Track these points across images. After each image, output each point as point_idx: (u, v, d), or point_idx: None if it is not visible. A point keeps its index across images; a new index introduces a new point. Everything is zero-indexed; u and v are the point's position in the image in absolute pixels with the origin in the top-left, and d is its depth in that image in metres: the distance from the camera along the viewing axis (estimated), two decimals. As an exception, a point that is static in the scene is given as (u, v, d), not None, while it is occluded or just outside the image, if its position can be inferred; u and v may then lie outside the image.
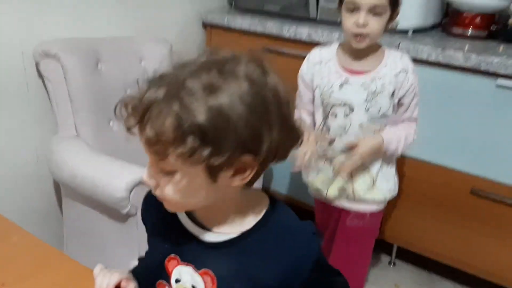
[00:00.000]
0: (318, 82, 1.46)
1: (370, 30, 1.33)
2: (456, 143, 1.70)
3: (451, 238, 1.80)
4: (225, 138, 0.62)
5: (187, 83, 0.62)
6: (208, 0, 2.24)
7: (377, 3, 1.31)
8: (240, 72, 0.64)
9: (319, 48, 1.51)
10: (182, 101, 0.61)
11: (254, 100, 0.64)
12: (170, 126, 0.61)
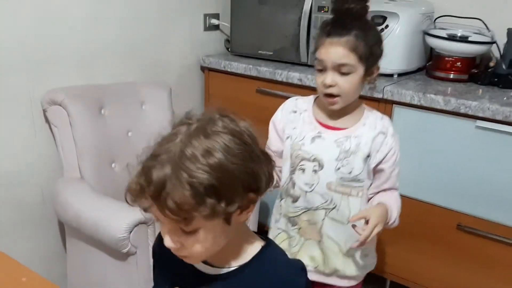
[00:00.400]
0: (289, 132, 1.36)
1: (340, 90, 1.24)
2: (441, 181, 1.78)
3: (440, 272, 1.87)
4: (233, 188, 0.73)
5: (186, 154, 0.71)
6: (206, 46, 2.37)
7: (342, 62, 1.21)
8: (220, 129, 0.75)
9: (295, 98, 1.42)
10: (189, 171, 0.70)
11: (239, 146, 0.74)
12: (188, 195, 0.69)
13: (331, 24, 1.24)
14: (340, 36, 1.20)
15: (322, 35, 1.24)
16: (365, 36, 1.22)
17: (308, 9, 2.04)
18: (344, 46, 1.20)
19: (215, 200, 0.71)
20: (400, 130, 1.80)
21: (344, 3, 1.22)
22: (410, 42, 1.95)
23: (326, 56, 1.22)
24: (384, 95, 1.80)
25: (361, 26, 1.23)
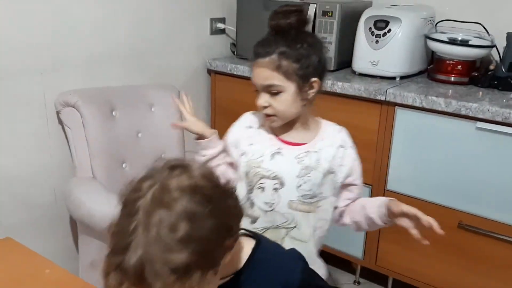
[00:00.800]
0: (245, 148, 1.29)
1: (274, 110, 1.21)
2: (442, 181, 1.83)
3: (441, 269, 1.91)
4: (211, 249, 0.71)
5: (152, 234, 0.68)
6: (213, 49, 2.42)
7: (268, 83, 1.19)
8: (175, 194, 0.71)
9: (252, 113, 1.36)
10: (164, 252, 0.67)
11: (200, 205, 0.71)
12: (171, 276, 0.68)
13: (257, 45, 1.22)
14: (263, 56, 1.18)
15: (252, 57, 1.22)
16: (291, 54, 1.17)
17: (312, 14, 2.09)
18: (267, 67, 1.17)
19: (201, 269, 0.69)
20: (402, 132, 1.87)
21: (282, 19, 1.19)
22: (411, 45, 2.00)
23: (255, 78, 1.22)
24: (386, 97, 1.85)
25: (288, 43, 1.18)
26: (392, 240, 2.00)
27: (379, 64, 2.00)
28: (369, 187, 2.01)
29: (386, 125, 1.90)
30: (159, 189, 0.71)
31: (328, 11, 2.06)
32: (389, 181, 1.95)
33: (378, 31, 1.98)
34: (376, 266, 2.08)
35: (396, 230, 1.95)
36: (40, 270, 1.05)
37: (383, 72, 2.01)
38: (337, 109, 2.01)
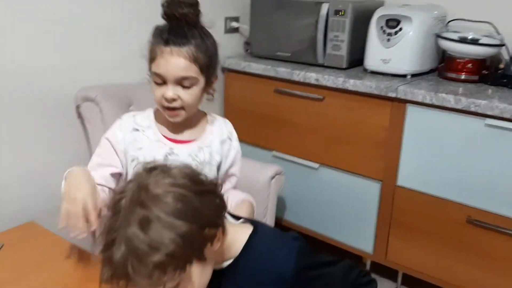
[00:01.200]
0: (134, 153, 1.23)
1: (182, 103, 1.18)
2: (451, 176, 1.86)
3: (449, 264, 1.94)
4: (188, 245, 0.75)
5: (129, 236, 0.73)
6: (226, 48, 2.47)
7: (184, 75, 1.15)
8: (152, 191, 0.76)
9: (132, 114, 1.31)
10: (141, 249, 0.73)
11: (177, 201, 0.76)
12: (151, 269, 0.73)
13: (168, 31, 1.15)
14: (180, 45, 1.13)
15: (158, 43, 1.15)
16: (205, 46, 1.17)
17: (325, 13, 2.13)
18: (185, 58, 1.13)
19: (175, 264, 0.74)
20: (412, 128, 1.91)
21: (177, 8, 1.16)
22: (422, 44, 2.03)
23: (166, 69, 1.14)
24: (397, 94, 1.89)
25: (200, 35, 1.17)
26: (402, 235, 2.03)
27: (390, 62, 2.04)
28: (379, 183, 2.05)
29: (396, 122, 1.94)
30: (137, 189, 0.77)
31: (340, 10, 2.10)
32: (400, 177, 1.98)
33: (389, 30, 2.02)
34: (385, 260, 2.12)
35: (406, 225, 1.99)
36: (63, 253, 1.11)
37: (394, 70, 2.05)
38: (348, 106, 2.06)
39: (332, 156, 2.16)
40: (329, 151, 2.17)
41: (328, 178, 2.20)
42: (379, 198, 2.07)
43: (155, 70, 1.15)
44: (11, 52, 1.63)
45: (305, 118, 2.19)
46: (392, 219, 2.05)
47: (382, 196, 2.05)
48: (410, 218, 2.00)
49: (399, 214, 2.02)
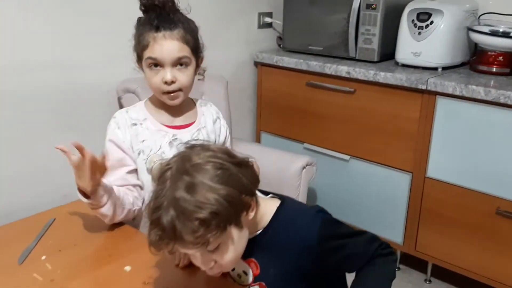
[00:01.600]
0: (139, 146, 1.27)
1: (180, 84, 1.23)
2: (480, 168, 1.87)
3: (478, 255, 1.95)
4: (227, 208, 0.83)
5: (177, 197, 0.82)
6: (260, 42, 2.54)
7: (180, 55, 1.20)
8: (195, 161, 0.85)
9: (124, 111, 1.34)
10: (186, 210, 0.81)
11: (218, 170, 0.85)
12: (196, 228, 0.81)
13: (156, 18, 1.19)
14: (170, 29, 1.18)
15: (149, 31, 1.19)
16: (190, 29, 1.23)
17: (356, 7, 2.17)
18: (177, 40, 1.19)
19: (217, 221, 0.83)
20: (442, 120, 1.93)
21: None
22: (453, 37, 2.05)
23: (162, 53, 1.18)
24: (428, 86, 1.91)
25: (183, 19, 1.23)
26: (431, 226, 2.06)
27: (421, 55, 2.06)
28: (409, 174, 2.08)
29: (427, 113, 1.96)
30: (181, 160, 0.87)
31: (372, 4, 2.13)
32: (429, 168, 2.01)
33: (420, 23, 2.04)
34: (415, 251, 2.14)
35: (436, 216, 2.02)
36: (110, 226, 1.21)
37: (425, 62, 2.07)
38: (379, 98, 2.09)
39: (363, 148, 2.20)
40: (359, 143, 2.21)
41: (358, 170, 2.24)
42: (409, 190, 2.09)
43: (151, 55, 1.20)
44: (55, 45, 1.75)
45: (336, 111, 2.24)
46: (421, 211, 2.08)
47: (412, 188, 2.08)
48: (439, 210, 2.02)
49: (429, 206, 2.05)
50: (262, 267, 0.99)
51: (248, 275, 1.02)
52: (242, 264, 1.01)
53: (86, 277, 1.01)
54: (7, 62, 1.62)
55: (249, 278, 1.02)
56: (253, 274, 1.01)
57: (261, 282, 1.01)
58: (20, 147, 1.71)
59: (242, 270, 1.02)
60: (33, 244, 1.11)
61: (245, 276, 1.02)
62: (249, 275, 1.01)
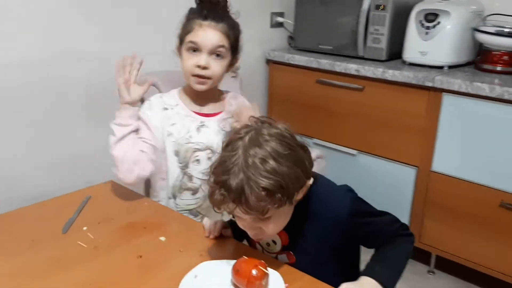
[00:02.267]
0: (169, 129, 1.35)
1: (212, 72, 1.31)
2: (485, 162, 1.96)
3: (482, 247, 2.04)
4: (290, 182, 0.92)
5: (249, 163, 0.90)
6: (271, 41, 2.64)
7: (219, 44, 1.30)
8: (267, 137, 0.93)
9: (159, 95, 1.43)
10: (256, 177, 0.89)
11: (284, 148, 0.93)
12: (263, 195, 0.89)
13: (206, 10, 1.30)
14: (216, 21, 1.29)
15: (196, 19, 1.30)
16: (234, 28, 1.34)
17: (366, 8, 2.26)
18: (221, 31, 1.30)
19: (281, 195, 0.91)
20: (448, 116, 2.02)
21: None
22: (460, 37, 2.14)
23: (204, 38, 1.28)
24: (434, 83, 2.00)
25: (230, 19, 1.34)
26: (436, 218, 2.14)
27: (428, 54, 2.15)
28: (415, 169, 2.16)
29: (433, 110, 2.05)
30: (255, 133, 0.95)
31: (381, 4, 2.22)
32: (435, 162, 2.09)
33: (428, 23, 2.13)
34: (420, 243, 2.23)
35: (440, 209, 2.10)
36: (140, 203, 1.30)
37: (432, 61, 2.16)
38: (387, 95, 2.18)
39: (370, 143, 2.29)
40: (367, 139, 2.30)
41: (366, 164, 2.33)
42: (415, 183, 2.18)
43: (192, 39, 1.30)
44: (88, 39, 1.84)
45: (345, 107, 2.33)
46: (426, 203, 2.16)
47: (418, 181, 2.17)
48: (444, 202, 2.11)
49: (434, 199, 2.13)
50: (291, 237, 1.07)
51: (276, 244, 1.09)
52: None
53: (126, 245, 1.09)
54: (50, 53, 1.74)
55: (277, 247, 1.10)
56: (282, 244, 1.09)
57: (289, 252, 1.09)
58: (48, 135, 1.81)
59: (272, 240, 1.10)
60: (74, 217, 1.20)
61: (273, 245, 1.10)
62: (277, 244, 1.09)
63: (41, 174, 1.79)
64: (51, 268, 1.01)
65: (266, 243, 1.12)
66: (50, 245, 1.09)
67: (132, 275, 0.99)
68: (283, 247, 1.09)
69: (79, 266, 1.01)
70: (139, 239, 1.11)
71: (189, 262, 1.00)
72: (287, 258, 1.10)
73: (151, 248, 1.08)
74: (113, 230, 1.16)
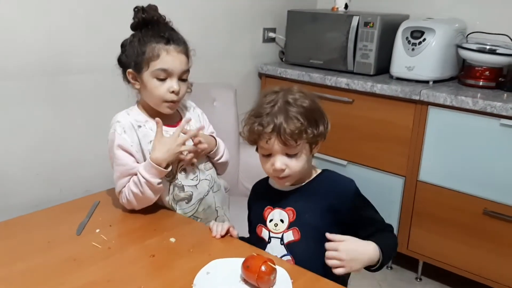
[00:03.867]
0: (148, 147, 1.34)
1: (181, 95, 1.34)
2: (469, 172, 2.06)
3: (467, 253, 2.13)
4: (317, 122, 1.12)
5: (289, 101, 1.12)
6: (264, 56, 2.73)
7: (186, 68, 1.33)
8: (296, 92, 1.15)
9: (125, 113, 1.39)
10: (294, 112, 1.09)
11: (309, 100, 1.14)
12: (299, 125, 1.08)
13: (164, 33, 1.32)
14: (178, 44, 1.32)
15: (159, 42, 1.30)
16: (187, 45, 1.37)
17: (355, 24, 2.37)
18: (184, 54, 1.34)
19: (312, 129, 1.10)
20: (434, 128, 2.13)
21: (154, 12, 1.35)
22: (444, 53, 2.26)
23: (173, 64, 1.30)
24: (421, 97, 2.11)
25: (180, 36, 1.36)
26: (423, 226, 2.23)
27: (414, 69, 2.26)
28: (402, 178, 2.26)
29: (419, 122, 2.16)
30: (286, 91, 1.15)
31: (369, 22, 2.34)
32: (421, 172, 2.19)
33: (414, 40, 2.25)
34: (407, 250, 2.31)
35: (427, 217, 2.19)
36: (148, 207, 1.37)
37: (418, 76, 2.27)
38: (375, 108, 2.28)
39: (360, 154, 2.38)
40: (357, 150, 2.39)
41: (355, 174, 2.39)
42: (402, 192, 2.27)
43: (162, 66, 1.29)
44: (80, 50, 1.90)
45: (335, 119, 2.33)
46: (413, 212, 2.25)
47: (405, 190, 2.26)
48: (430, 211, 2.20)
49: (420, 207, 2.23)
50: (298, 213, 1.17)
51: (284, 222, 1.18)
52: (281, 213, 1.18)
53: (139, 246, 1.16)
54: (52, 62, 1.80)
55: (284, 225, 1.18)
56: (288, 221, 1.17)
57: (295, 227, 1.16)
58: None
59: (280, 219, 1.18)
60: (86, 220, 1.25)
61: (281, 223, 1.18)
62: (285, 222, 1.18)
63: (41, 182, 1.83)
64: (68, 266, 1.07)
65: (274, 224, 1.19)
66: (66, 246, 1.15)
67: (146, 272, 1.06)
68: (290, 224, 1.17)
69: (95, 264, 1.07)
70: (150, 240, 1.18)
71: (199, 260, 1.07)
72: (293, 235, 1.17)
73: (162, 248, 1.14)
74: (125, 232, 1.23)
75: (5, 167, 1.72)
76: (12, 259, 1.09)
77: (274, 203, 1.21)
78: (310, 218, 1.15)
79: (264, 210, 1.22)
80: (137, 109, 1.41)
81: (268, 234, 1.20)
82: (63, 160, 1.89)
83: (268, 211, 1.21)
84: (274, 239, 1.18)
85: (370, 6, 2.69)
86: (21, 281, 1.02)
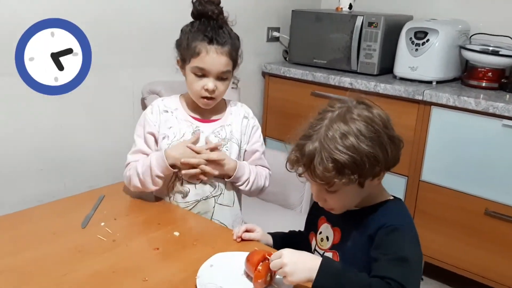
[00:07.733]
0: (165, 131, 1.39)
1: (218, 93, 1.35)
2: (471, 172, 2.07)
3: (468, 253, 2.14)
4: (364, 164, 0.95)
5: (328, 136, 0.96)
6: (267, 55, 2.74)
7: (225, 69, 1.33)
8: (355, 116, 0.98)
9: (161, 99, 1.47)
10: (331, 149, 0.95)
11: (369, 131, 0.96)
12: (331, 167, 0.95)
13: (210, 31, 1.31)
14: (221, 45, 1.31)
15: (202, 41, 1.30)
16: (236, 45, 1.37)
17: (359, 24, 2.38)
18: (226, 56, 1.32)
19: (350, 172, 0.95)
20: (436, 128, 2.14)
21: (209, 6, 1.34)
22: (447, 54, 2.27)
23: (211, 65, 1.30)
24: (424, 97, 2.12)
25: (231, 34, 1.36)
26: (424, 225, 2.23)
27: (417, 69, 2.27)
28: (405, 178, 2.26)
29: (422, 122, 2.16)
30: (345, 110, 1.00)
31: (373, 22, 2.35)
32: (424, 172, 2.20)
33: (417, 41, 2.26)
34: (409, 250, 2.31)
35: (428, 216, 2.19)
36: (152, 202, 1.40)
37: (421, 76, 2.28)
38: (379, 107, 2.28)
39: (362, 153, 2.38)
40: (359, 149, 2.39)
41: (358, 174, 2.41)
42: (405, 192, 2.28)
43: (199, 64, 1.32)
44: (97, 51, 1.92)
45: None
46: (415, 211, 2.26)
47: (408, 190, 2.27)
48: (432, 210, 2.21)
49: (422, 206, 2.23)
50: (343, 237, 1.08)
51: (328, 241, 1.12)
52: (329, 230, 1.12)
53: (143, 239, 1.17)
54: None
55: (328, 244, 1.13)
56: (332, 242, 1.12)
57: (335, 251, 1.10)
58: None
59: (326, 235, 1.12)
60: (91, 213, 1.27)
61: (326, 241, 1.13)
62: (329, 241, 1.12)
63: (45, 177, 1.85)
64: (74, 256, 1.08)
65: (321, 239, 1.15)
66: (71, 237, 1.17)
67: (151, 264, 1.07)
68: (333, 245, 1.12)
69: (100, 256, 1.09)
70: (154, 233, 1.19)
71: (203, 253, 1.08)
72: (332, 257, 1.11)
73: (166, 241, 1.16)
74: (129, 225, 1.24)
75: (10, 162, 1.74)
76: (17, 248, 1.11)
77: (328, 215, 1.14)
78: (351, 248, 1.07)
79: (319, 218, 1.17)
80: (176, 96, 1.47)
81: (315, 245, 1.17)
82: (67, 155, 1.90)
83: (321, 222, 1.17)
84: (317, 253, 1.15)
85: (374, 7, 2.71)
86: (27, 270, 1.03)
